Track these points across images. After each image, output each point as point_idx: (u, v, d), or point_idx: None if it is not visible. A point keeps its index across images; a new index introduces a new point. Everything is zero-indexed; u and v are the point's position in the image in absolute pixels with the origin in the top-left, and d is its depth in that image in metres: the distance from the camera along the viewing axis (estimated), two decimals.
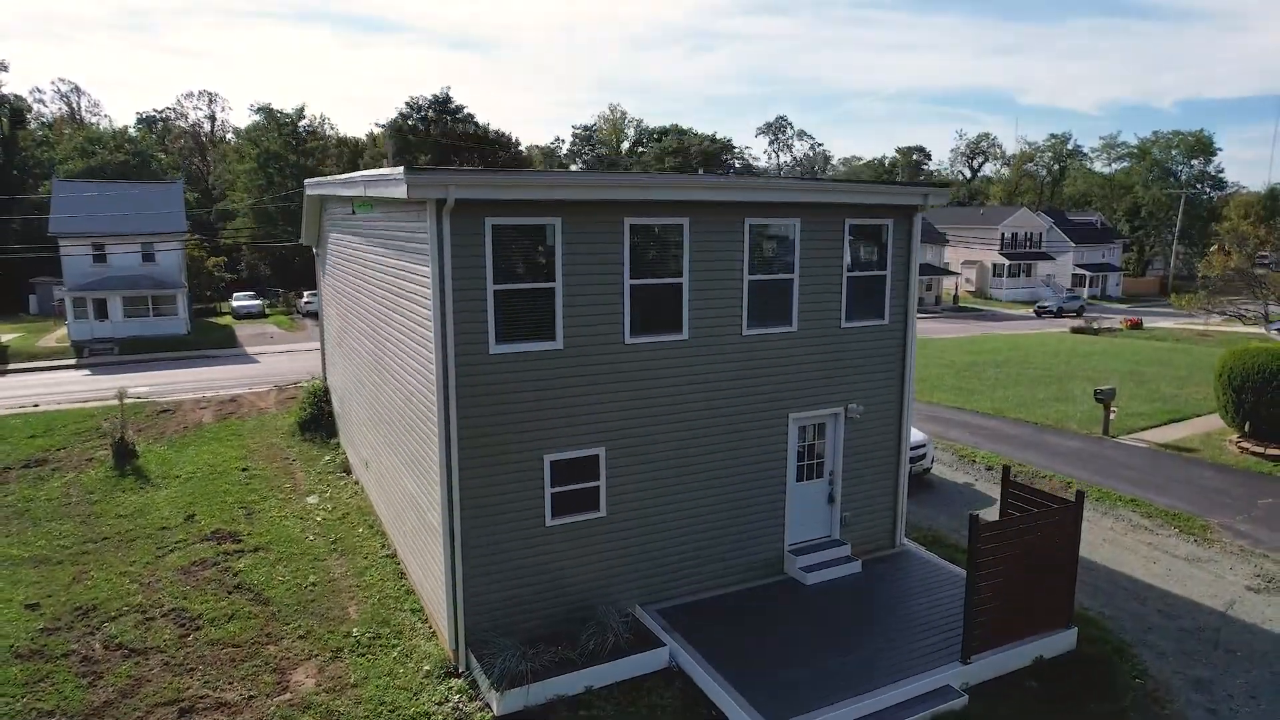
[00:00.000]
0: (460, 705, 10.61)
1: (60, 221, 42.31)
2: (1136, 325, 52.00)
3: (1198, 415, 24.84)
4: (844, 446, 13.94)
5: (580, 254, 11.28)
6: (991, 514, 17.05)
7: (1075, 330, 49.39)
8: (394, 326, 13.25)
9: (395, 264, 12.78)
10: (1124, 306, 70.40)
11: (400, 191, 10.05)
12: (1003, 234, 73.75)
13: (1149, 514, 17.18)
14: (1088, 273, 77.68)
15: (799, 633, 11.78)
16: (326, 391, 23.35)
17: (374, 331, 15.10)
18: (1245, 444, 20.92)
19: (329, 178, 17.95)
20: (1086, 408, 25.68)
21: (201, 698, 10.93)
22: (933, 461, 19.62)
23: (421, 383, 11.59)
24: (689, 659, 11.15)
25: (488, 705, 10.50)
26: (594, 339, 11.57)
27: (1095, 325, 49.78)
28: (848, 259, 13.41)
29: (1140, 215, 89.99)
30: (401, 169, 9.91)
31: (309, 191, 20.24)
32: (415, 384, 12.01)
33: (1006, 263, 73.48)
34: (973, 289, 76.07)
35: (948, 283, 71.46)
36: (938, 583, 13.33)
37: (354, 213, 15.66)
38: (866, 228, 13.56)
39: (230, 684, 11.26)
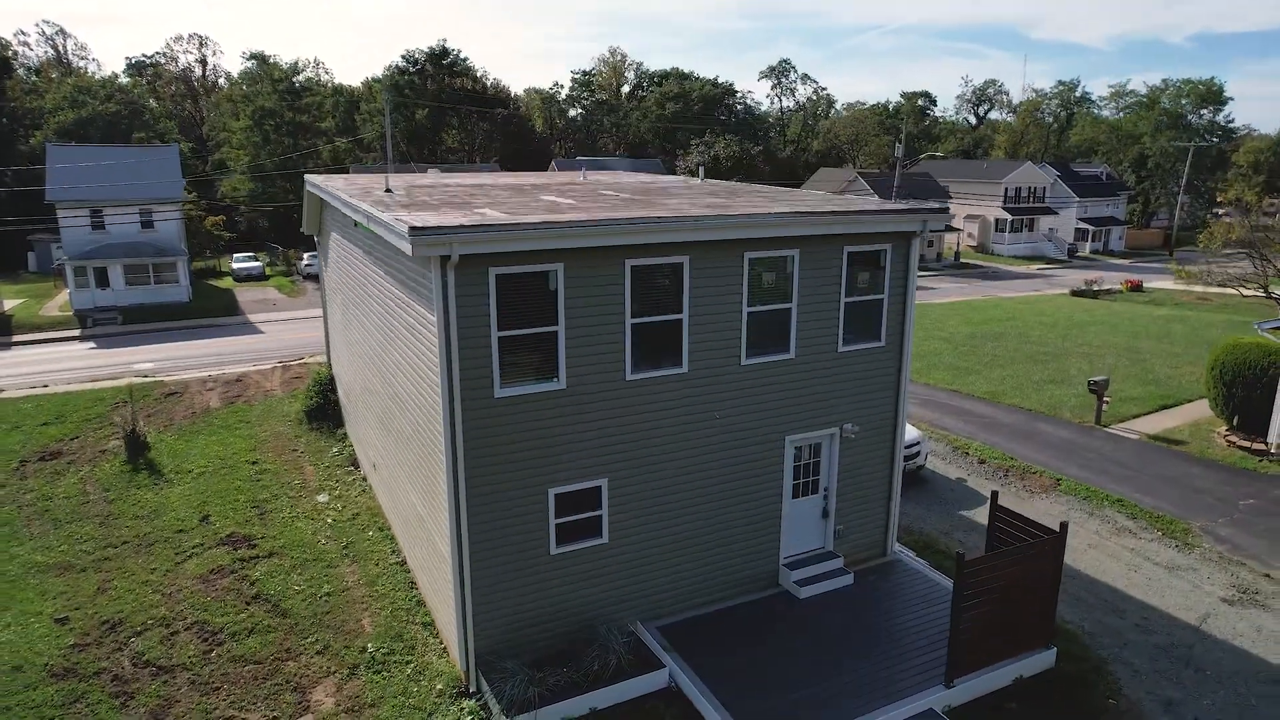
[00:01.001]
0: None
1: (56, 190, 42.02)
2: (1137, 287, 52.03)
3: (1189, 401, 25.26)
4: (839, 463, 14.37)
5: (582, 297, 11.50)
6: (981, 515, 17.66)
7: (1075, 294, 49.48)
8: (400, 353, 13.52)
9: (400, 295, 12.99)
10: (1126, 262, 70.20)
11: (405, 248, 10.22)
12: (1006, 188, 72.99)
13: (1134, 515, 17.73)
14: (1091, 227, 77.22)
15: (791, 652, 12.39)
16: (331, 380, 23.71)
17: (379, 348, 15.37)
18: (1233, 437, 21.39)
19: (331, 186, 17.92)
20: (1080, 391, 26.09)
21: (229, 719, 11.60)
22: (926, 458, 20.10)
23: (428, 419, 11.93)
24: (687, 681, 11.78)
25: None
26: (596, 377, 11.88)
27: (1095, 288, 49.81)
28: (845, 285, 13.60)
29: (1147, 166, 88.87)
30: (406, 228, 10.05)
31: (309, 189, 20.24)
32: (422, 418, 12.35)
33: (1009, 217, 72.91)
34: (975, 244, 75.66)
35: (950, 238, 71.09)
36: (926, 596, 13.90)
37: (356, 226, 15.75)
38: (864, 254, 13.71)
39: (254, 703, 11.92)
